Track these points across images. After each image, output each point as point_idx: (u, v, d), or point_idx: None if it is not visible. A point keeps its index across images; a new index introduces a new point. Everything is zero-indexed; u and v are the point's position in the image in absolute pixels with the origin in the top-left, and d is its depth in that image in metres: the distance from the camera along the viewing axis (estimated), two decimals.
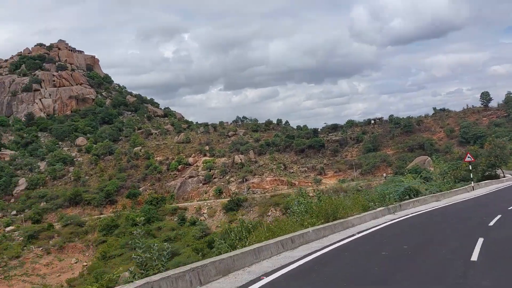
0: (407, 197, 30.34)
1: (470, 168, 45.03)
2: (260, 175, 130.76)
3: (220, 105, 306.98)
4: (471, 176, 44.39)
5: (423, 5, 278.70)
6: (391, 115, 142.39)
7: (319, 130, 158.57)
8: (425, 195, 31.83)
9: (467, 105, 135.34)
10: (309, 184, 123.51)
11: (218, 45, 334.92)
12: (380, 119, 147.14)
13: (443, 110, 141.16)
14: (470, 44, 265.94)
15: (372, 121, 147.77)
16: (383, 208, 24.61)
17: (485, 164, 60.28)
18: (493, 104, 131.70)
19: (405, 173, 47.88)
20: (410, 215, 24.39)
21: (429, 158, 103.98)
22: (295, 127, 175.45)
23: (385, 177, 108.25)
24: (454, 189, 38.42)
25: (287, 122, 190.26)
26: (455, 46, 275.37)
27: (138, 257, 9.45)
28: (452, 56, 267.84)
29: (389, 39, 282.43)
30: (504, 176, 59.80)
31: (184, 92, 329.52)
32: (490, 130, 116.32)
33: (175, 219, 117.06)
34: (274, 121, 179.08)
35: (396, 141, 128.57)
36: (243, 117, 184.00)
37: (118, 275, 12.09)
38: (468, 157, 42.44)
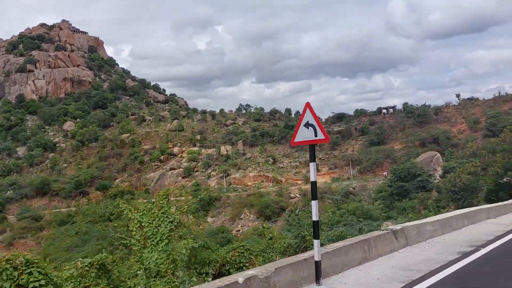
0: None
1: None
2: (244, 169, 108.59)
3: (252, 98, 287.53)
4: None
5: None
6: (405, 103, 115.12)
7: (323, 120, 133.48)
8: None
9: (499, 92, 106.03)
10: (298, 181, 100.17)
11: (250, 38, 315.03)
12: (393, 108, 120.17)
13: (471, 99, 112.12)
14: None
15: (384, 110, 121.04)
16: None
17: (502, 166, 35.77)
18: None
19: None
20: None
21: (438, 155, 77.89)
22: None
23: (385, 176, 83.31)
24: None
25: (297, 112, 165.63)
26: (497, 41, 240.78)
27: None
28: (494, 51, 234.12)
29: (427, 33, 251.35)
30: None
31: (217, 85, 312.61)
32: None
33: None
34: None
35: (407, 134, 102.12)
36: (246, 105, 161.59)
37: None
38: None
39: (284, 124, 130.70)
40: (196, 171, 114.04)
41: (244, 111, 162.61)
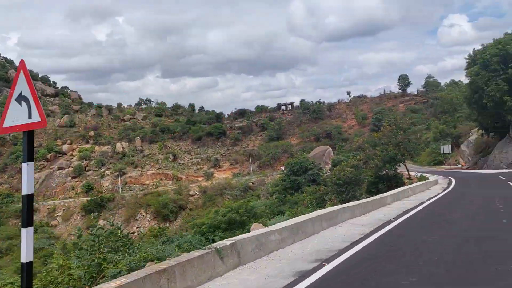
0: None
1: None
2: (142, 167, 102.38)
3: (158, 93, 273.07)
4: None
5: (356, 4, 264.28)
6: (302, 100, 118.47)
7: (226, 115, 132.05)
8: None
9: (384, 90, 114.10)
10: (199, 178, 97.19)
11: (154, 31, 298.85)
12: (292, 104, 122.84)
13: (360, 96, 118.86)
14: (399, 43, 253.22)
15: (283, 107, 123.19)
16: None
17: (381, 159, 36.53)
18: (413, 90, 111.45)
19: None
20: None
21: (330, 149, 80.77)
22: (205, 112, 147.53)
23: (282, 170, 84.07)
24: None
25: (202, 108, 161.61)
26: (385, 45, 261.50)
27: None
28: (383, 54, 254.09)
29: (324, 35, 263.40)
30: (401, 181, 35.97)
31: (119, 78, 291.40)
32: (406, 117, 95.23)
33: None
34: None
35: (303, 129, 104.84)
36: (147, 99, 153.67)
37: None
38: None
39: (186, 119, 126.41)
40: (88, 170, 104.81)
41: (144, 106, 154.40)
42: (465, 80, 44.45)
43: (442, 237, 10.19)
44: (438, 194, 21.72)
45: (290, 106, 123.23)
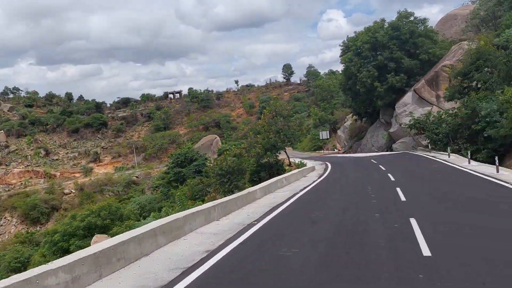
0: None
1: None
2: (7, 165, 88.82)
3: (33, 82, 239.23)
4: None
5: None
6: (190, 88, 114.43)
7: (108, 105, 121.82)
8: None
9: (270, 79, 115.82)
10: (76, 174, 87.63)
11: (25, 13, 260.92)
12: (179, 92, 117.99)
13: (248, 85, 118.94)
14: (284, 36, 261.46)
15: (171, 95, 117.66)
16: None
17: (262, 147, 35.07)
18: (296, 79, 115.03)
19: None
20: None
21: (218, 138, 78.83)
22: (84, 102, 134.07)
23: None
24: None
25: (81, 96, 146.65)
26: (272, 37, 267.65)
27: None
28: (269, 46, 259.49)
29: (214, 25, 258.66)
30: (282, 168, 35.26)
31: None
32: (290, 105, 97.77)
33: None
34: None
35: (191, 118, 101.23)
36: (14, 87, 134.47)
37: None
38: None
39: (61, 110, 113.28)
40: None
41: (11, 96, 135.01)
42: (341, 68, 45.67)
43: (304, 245, 8.05)
44: (314, 181, 20.54)
45: (178, 95, 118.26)
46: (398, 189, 14.62)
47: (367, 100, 43.59)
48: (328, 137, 55.56)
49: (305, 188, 18.35)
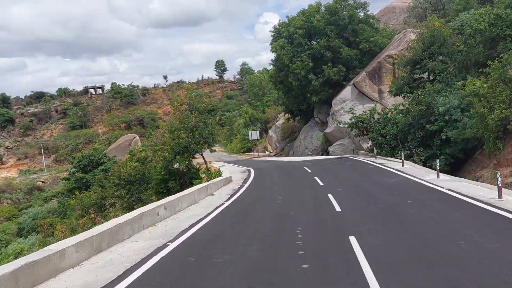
0: None
1: None
2: None
3: None
4: None
5: None
6: (113, 83, 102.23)
7: (20, 99, 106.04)
8: None
9: (202, 76, 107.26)
10: None
11: None
12: (102, 87, 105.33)
13: (178, 82, 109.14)
14: (221, 36, 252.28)
15: (91, 90, 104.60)
16: None
17: (171, 149, 27.35)
18: (230, 77, 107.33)
19: None
20: None
21: (137, 137, 68.98)
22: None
23: None
24: None
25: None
26: (209, 36, 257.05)
27: None
28: (207, 45, 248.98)
29: (149, 21, 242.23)
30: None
31: None
32: (222, 103, 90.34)
33: None
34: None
35: (113, 115, 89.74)
36: None
37: None
38: None
39: None
40: None
41: None
42: (272, 56, 38.52)
43: None
44: (217, 208, 12.83)
45: (100, 90, 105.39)
46: (354, 241, 7.43)
47: (301, 95, 36.97)
48: (259, 137, 48.49)
49: (205, 217, 10.73)
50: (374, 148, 24.97)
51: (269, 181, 19.97)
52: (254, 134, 46.45)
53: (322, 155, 36.91)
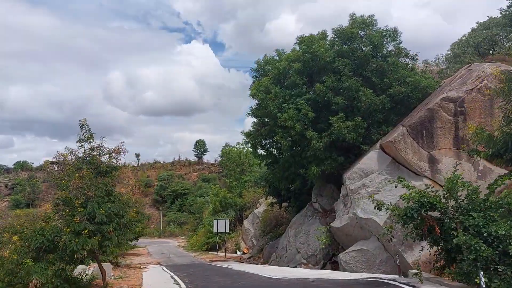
0: None
1: None
2: None
3: None
4: None
5: (174, 84, 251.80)
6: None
7: None
8: None
9: (179, 156, 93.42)
10: None
11: None
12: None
13: (151, 162, 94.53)
14: (211, 126, 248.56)
15: (53, 166, 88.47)
16: None
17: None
18: (210, 159, 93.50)
19: None
20: None
21: None
22: None
23: None
24: None
25: None
26: (199, 126, 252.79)
27: None
28: (196, 135, 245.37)
29: (141, 109, 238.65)
30: None
31: None
32: (196, 186, 75.42)
33: None
34: None
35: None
36: None
37: None
38: None
39: None
40: None
41: None
42: (253, 104, 24.31)
43: None
44: None
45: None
46: None
47: (293, 165, 22.47)
48: (227, 230, 32.66)
49: None
50: (481, 273, 9.78)
51: None
52: (220, 225, 30.76)
53: (325, 266, 21.18)
